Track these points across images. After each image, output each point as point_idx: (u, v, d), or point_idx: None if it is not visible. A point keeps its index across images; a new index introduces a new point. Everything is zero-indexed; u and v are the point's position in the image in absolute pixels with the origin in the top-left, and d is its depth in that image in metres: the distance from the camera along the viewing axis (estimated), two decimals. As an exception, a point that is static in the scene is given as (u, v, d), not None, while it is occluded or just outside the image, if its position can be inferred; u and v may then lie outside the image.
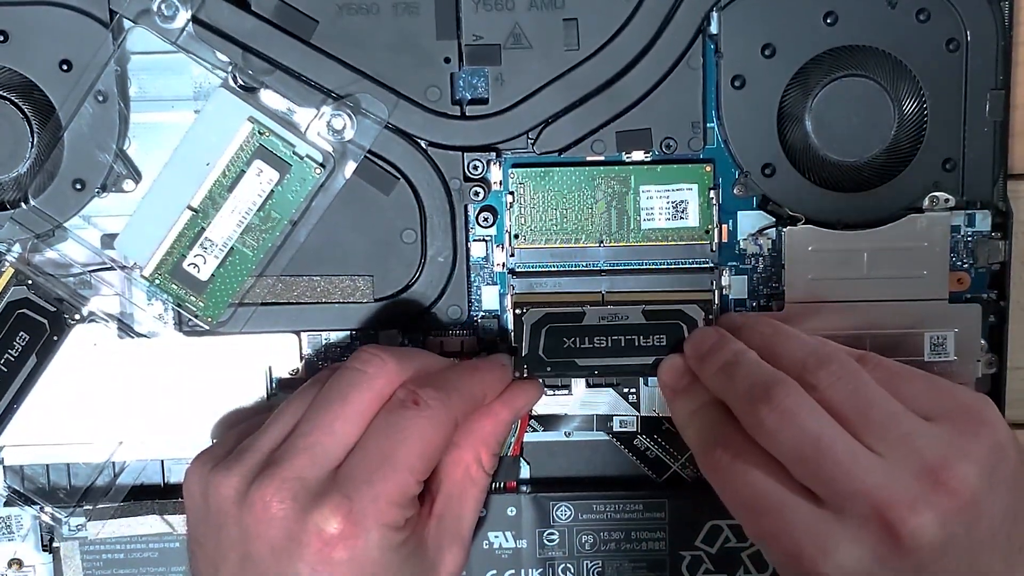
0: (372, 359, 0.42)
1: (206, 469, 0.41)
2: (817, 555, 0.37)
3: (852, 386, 0.39)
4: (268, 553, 0.39)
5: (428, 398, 0.41)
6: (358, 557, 0.39)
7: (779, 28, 0.45)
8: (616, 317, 0.46)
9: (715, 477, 0.41)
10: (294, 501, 0.39)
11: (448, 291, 0.46)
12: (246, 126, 0.44)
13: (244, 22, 0.44)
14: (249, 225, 0.44)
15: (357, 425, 0.41)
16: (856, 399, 0.38)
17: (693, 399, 0.43)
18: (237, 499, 0.40)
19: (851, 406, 0.38)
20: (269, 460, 0.40)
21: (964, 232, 0.46)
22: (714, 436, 0.41)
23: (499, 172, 0.46)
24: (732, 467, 0.39)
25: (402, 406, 0.41)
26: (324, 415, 0.41)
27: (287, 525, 0.39)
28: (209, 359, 0.46)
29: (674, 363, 0.45)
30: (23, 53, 0.44)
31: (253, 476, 0.40)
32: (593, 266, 0.46)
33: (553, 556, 0.48)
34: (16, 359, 0.45)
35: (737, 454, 0.39)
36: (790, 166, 0.45)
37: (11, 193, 0.45)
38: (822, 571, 0.37)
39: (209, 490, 0.40)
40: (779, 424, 0.38)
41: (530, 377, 0.45)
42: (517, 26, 0.44)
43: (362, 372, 0.41)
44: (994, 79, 0.45)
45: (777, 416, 0.38)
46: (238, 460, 0.40)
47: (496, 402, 0.44)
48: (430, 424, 0.41)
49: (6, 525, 0.48)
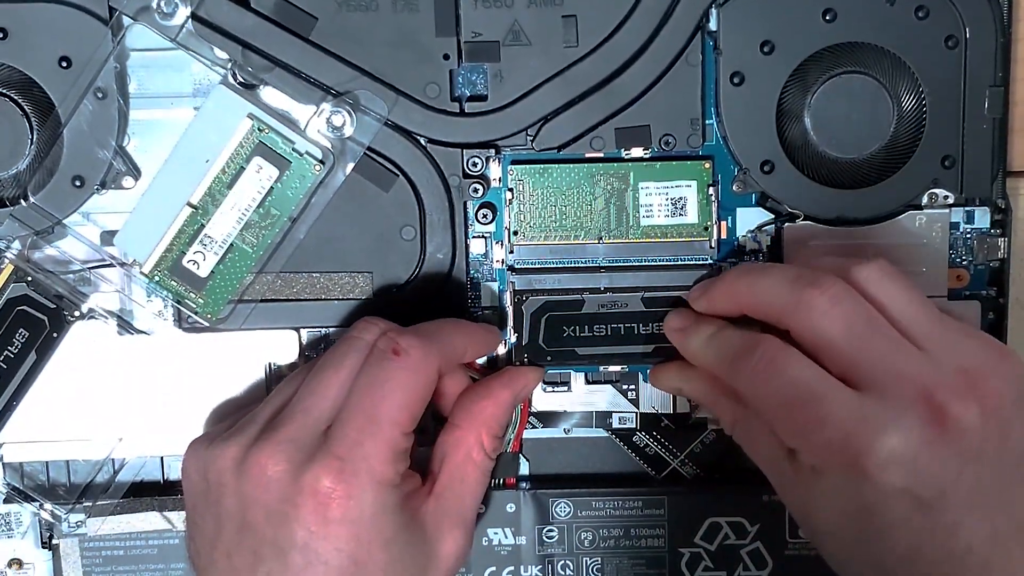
0: (369, 326, 0.42)
1: (202, 448, 0.41)
2: (864, 438, 0.37)
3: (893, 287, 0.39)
4: (264, 519, 0.39)
5: (408, 346, 0.41)
6: (352, 516, 0.39)
7: (778, 25, 0.45)
8: (615, 305, 0.46)
9: (751, 380, 0.40)
10: (288, 463, 0.39)
11: (447, 288, 0.46)
12: (245, 123, 0.44)
13: (243, 19, 0.44)
14: (249, 222, 0.44)
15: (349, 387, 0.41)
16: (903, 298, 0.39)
17: (706, 327, 0.43)
18: (235, 468, 0.40)
19: (898, 305, 0.39)
20: (266, 428, 0.40)
21: (963, 229, 0.46)
22: (741, 344, 0.41)
23: (498, 169, 0.46)
24: (771, 365, 0.39)
25: (382, 357, 0.41)
26: (318, 381, 0.41)
27: (282, 488, 0.39)
28: (209, 356, 0.46)
29: (678, 310, 0.45)
30: (23, 50, 0.44)
31: (251, 443, 0.40)
32: (592, 262, 0.46)
33: (552, 553, 0.48)
34: (16, 356, 0.45)
35: (776, 351, 0.39)
36: (789, 163, 0.45)
37: (11, 190, 0.45)
38: (870, 454, 0.37)
39: (208, 466, 0.41)
40: (831, 303, 0.39)
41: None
42: (516, 23, 0.44)
43: (358, 339, 0.42)
44: (993, 76, 0.45)
45: (830, 296, 0.39)
46: (237, 432, 0.41)
47: (496, 383, 0.44)
48: (412, 375, 0.41)
49: (6, 522, 0.48)
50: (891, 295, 0.39)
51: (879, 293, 0.39)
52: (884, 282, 0.40)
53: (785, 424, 0.39)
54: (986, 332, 0.46)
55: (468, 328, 0.45)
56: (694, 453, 0.48)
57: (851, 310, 0.39)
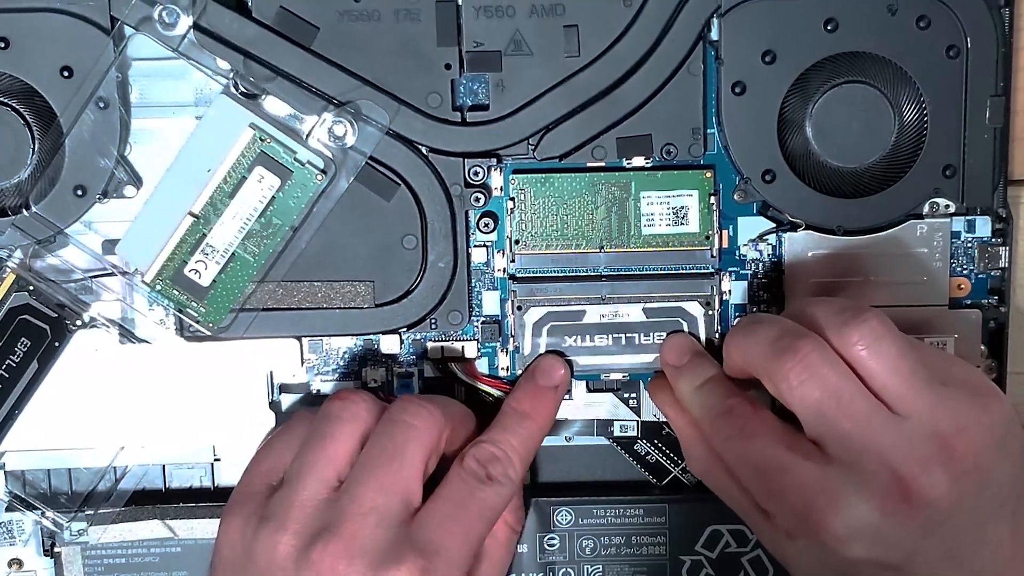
0: (420, 411, 0.42)
1: (248, 528, 0.40)
2: (826, 509, 0.38)
3: (875, 346, 0.39)
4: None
5: (500, 475, 0.42)
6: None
7: (779, 35, 0.45)
8: (616, 315, 0.46)
9: (724, 444, 0.42)
10: (364, 563, 0.38)
11: (449, 297, 0.46)
12: (247, 132, 0.44)
13: (245, 29, 0.44)
14: (250, 231, 0.44)
15: (415, 478, 0.41)
16: (878, 359, 0.39)
17: (697, 374, 0.44)
18: (296, 558, 0.39)
19: (881, 368, 0.39)
20: (326, 519, 0.39)
21: (964, 238, 0.46)
22: (722, 405, 0.42)
23: (500, 178, 0.46)
24: (743, 431, 0.41)
25: (477, 479, 0.41)
26: (383, 474, 0.40)
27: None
28: (210, 364, 0.46)
29: (676, 341, 0.46)
30: (24, 59, 0.44)
31: (311, 536, 0.39)
32: (593, 271, 0.46)
33: (554, 561, 0.48)
34: (17, 365, 0.45)
35: (747, 418, 0.41)
36: (790, 172, 0.45)
37: (12, 199, 0.45)
38: (830, 525, 0.38)
39: (256, 546, 0.40)
40: (803, 375, 0.39)
41: None
42: (518, 33, 0.44)
43: (414, 426, 0.41)
44: (994, 86, 0.45)
45: (801, 368, 0.39)
46: (287, 518, 0.40)
47: None
48: (501, 499, 0.42)
49: (7, 530, 0.48)
50: (878, 357, 0.39)
51: (866, 354, 0.39)
52: (874, 344, 0.39)
53: (756, 487, 0.41)
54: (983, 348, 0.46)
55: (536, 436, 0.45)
56: (695, 461, 0.48)
57: (822, 383, 0.39)
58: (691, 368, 0.45)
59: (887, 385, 0.39)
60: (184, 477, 0.48)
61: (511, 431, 0.44)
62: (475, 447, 0.42)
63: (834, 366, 0.39)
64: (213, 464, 0.48)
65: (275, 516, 0.40)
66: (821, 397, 0.39)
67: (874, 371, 0.39)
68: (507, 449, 0.43)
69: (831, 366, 0.39)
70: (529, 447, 0.44)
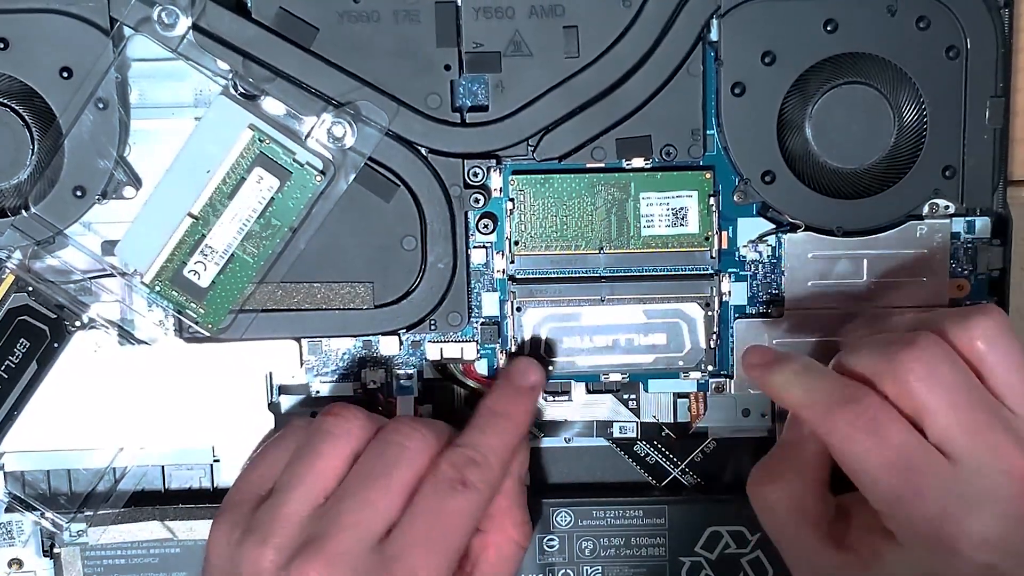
0: (413, 434, 0.41)
1: (234, 536, 0.40)
2: (960, 515, 0.37)
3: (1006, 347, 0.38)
4: None
5: (475, 480, 0.41)
6: None
7: (779, 35, 0.45)
8: (616, 316, 0.46)
9: (846, 435, 0.38)
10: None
11: (448, 298, 0.46)
12: (246, 133, 0.44)
13: (244, 30, 0.44)
14: (250, 232, 0.44)
15: (400, 499, 0.40)
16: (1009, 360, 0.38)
17: (792, 362, 0.42)
18: (276, 572, 0.39)
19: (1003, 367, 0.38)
20: (309, 533, 0.39)
21: (964, 239, 0.46)
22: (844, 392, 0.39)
23: (499, 179, 0.46)
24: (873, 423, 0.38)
25: (451, 487, 0.40)
26: (368, 492, 0.40)
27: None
28: (209, 366, 0.46)
29: (755, 348, 0.44)
30: (24, 60, 0.44)
31: (293, 550, 0.39)
32: (593, 272, 0.46)
33: (553, 562, 0.48)
34: (17, 366, 0.45)
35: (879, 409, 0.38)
36: (790, 173, 0.45)
37: (12, 200, 0.45)
38: (965, 533, 0.37)
39: (240, 557, 0.40)
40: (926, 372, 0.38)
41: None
42: (517, 33, 0.44)
43: (405, 448, 0.41)
44: (994, 86, 0.45)
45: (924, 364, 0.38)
46: (270, 531, 0.40)
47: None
48: (478, 505, 0.41)
49: (7, 531, 0.48)
50: (998, 355, 0.38)
51: (986, 351, 0.38)
52: (995, 340, 0.38)
53: (883, 489, 0.38)
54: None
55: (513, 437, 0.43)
56: (695, 462, 0.49)
57: (950, 377, 0.38)
58: (783, 359, 0.42)
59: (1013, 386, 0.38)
60: (183, 478, 0.48)
61: (488, 432, 0.43)
62: (451, 451, 0.41)
63: (958, 364, 0.38)
64: (212, 465, 0.48)
65: (259, 528, 0.40)
66: (951, 390, 0.38)
67: (1000, 370, 0.38)
68: (485, 451, 0.42)
69: (954, 363, 0.38)
70: (507, 448, 0.43)
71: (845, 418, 0.38)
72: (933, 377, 0.38)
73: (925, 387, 0.38)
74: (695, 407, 0.48)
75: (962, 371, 0.38)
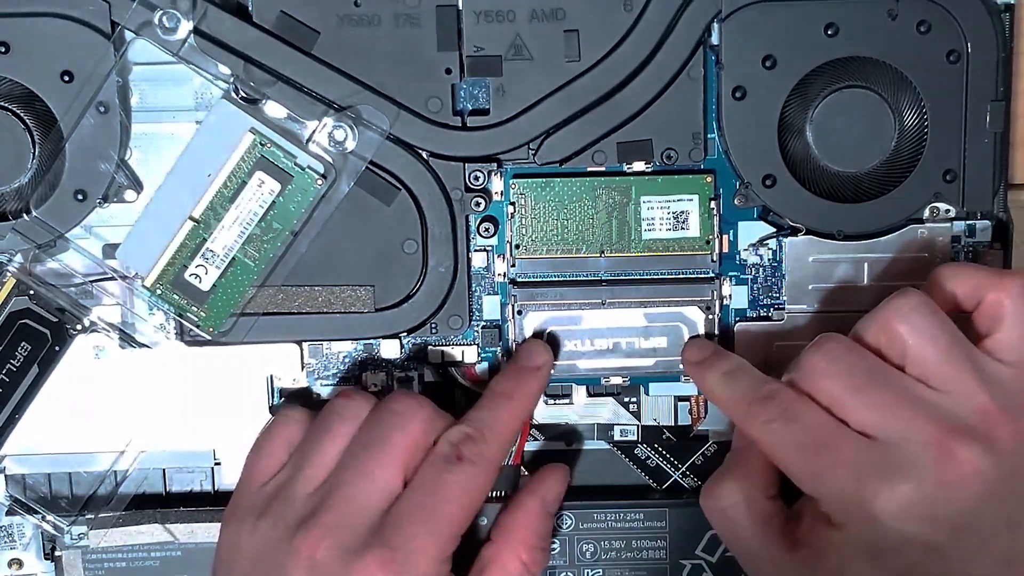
0: (409, 402, 0.42)
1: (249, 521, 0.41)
2: (879, 484, 0.38)
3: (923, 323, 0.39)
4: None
5: (472, 455, 0.41)
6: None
7: (780, 39, 0.45)
8: (617, 320, 0.46)
9: (763, 428, 0.40)
10: (339, 550, 0.39)
11: (449, 301, 0.46)
12: (247, 137, 0.44)
13: (245, 33, 0.44)
14: (250, 236, 0.44)
15: (397, 470, 0.41)
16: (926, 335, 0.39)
17: (725, 363, 0.43)
18: (281, 546, 0.40)
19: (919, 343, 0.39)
20: (311, 507, 0.40)
21: (965, 242, 0.46)
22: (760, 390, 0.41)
23: (500, 183, 0.46)
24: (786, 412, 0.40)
25: (447, 461, 0.41)
26: (364, 460, 0.41)
27: (330, 573, 0.39)
28: (210, 369, 0.46)
29: (695, 341, 0.46)
30: (25, 64, 0.44)
31: (296, 522, 0.40)
32: (594, 276, 0.46)
33: (554, 565, 0.48)
34: (18, 369, 0.45)
35: (791, 401, 0.40)
36: (791, 177, 0.45)
37: (13, 204, 0.45)
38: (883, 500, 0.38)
39: (252, 541, 0.41)
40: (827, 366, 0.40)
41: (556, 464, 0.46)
42: (518, 37, 0.44)
43: (401, 415, 0.42)
44: (994, 90, 0.45)
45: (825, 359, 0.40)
46: (276, 507, 0.41)
47: (523, 493, 0.45)
48: (475, 480, 0.41)
49: (8, 534, 0.48)
50: (915, 331, 0.39)
51: (905, 331, 0.39)
52: (911, 317, 0.39)
53: (800, 470, 0.40)
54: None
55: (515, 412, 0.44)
56: (695, 465, 0.49)
57: (848, 366, 0.39)
58: (715, 359, 0.44)
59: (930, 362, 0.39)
60: (184, 481, 0.48)
61: (487, 410, 0.43)
62: (450, 430, 0.42)
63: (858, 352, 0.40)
64: (213, 468, 0.48)
65: (271, 512, 0.41)
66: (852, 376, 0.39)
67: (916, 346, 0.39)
68: (481, 428, 0.42)
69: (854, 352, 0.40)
70: (506, 426, 0.43)
71: (761, 410, 0.41)
72: (835, 368, 0.40)
73: (829, 379, 0.40)
74: (696, 410, 0.48)
75: (862, 358, 0.40)
